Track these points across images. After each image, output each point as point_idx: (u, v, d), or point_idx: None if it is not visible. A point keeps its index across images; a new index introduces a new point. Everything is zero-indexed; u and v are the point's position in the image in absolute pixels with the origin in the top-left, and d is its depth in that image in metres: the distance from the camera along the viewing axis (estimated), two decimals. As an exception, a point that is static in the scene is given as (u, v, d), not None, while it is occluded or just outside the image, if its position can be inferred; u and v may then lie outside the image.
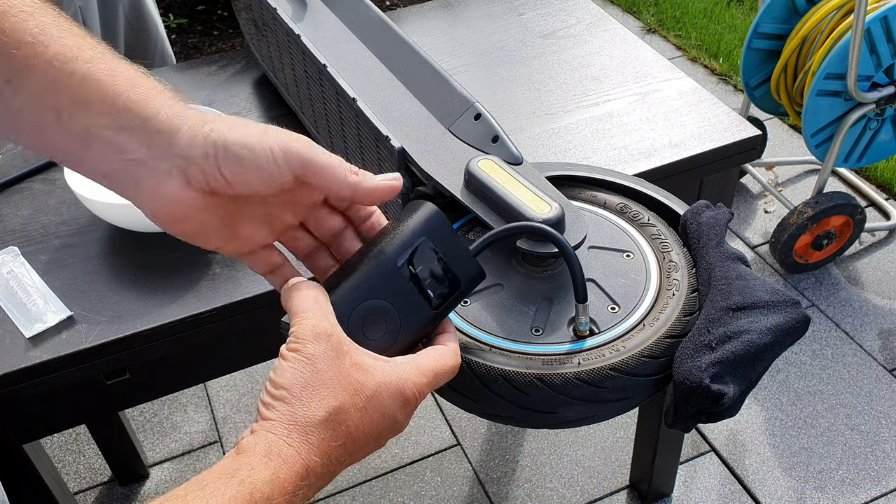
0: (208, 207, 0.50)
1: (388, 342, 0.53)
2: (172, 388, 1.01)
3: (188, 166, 0.49)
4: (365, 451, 0.49)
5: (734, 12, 2.91)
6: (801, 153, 2.27)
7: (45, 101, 0.46)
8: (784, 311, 0.60)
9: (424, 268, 0.54)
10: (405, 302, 0.53)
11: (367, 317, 0.52)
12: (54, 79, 0.46)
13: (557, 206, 0.66)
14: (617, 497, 1.54)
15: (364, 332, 0.52)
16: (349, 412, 0.47)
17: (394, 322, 0.53)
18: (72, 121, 0.47)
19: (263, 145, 0.49)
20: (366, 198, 0.53)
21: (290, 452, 0.45)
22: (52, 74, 0.46)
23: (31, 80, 0.46)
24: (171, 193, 0.49)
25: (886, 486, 1.53)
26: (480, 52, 1.24)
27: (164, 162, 0.48)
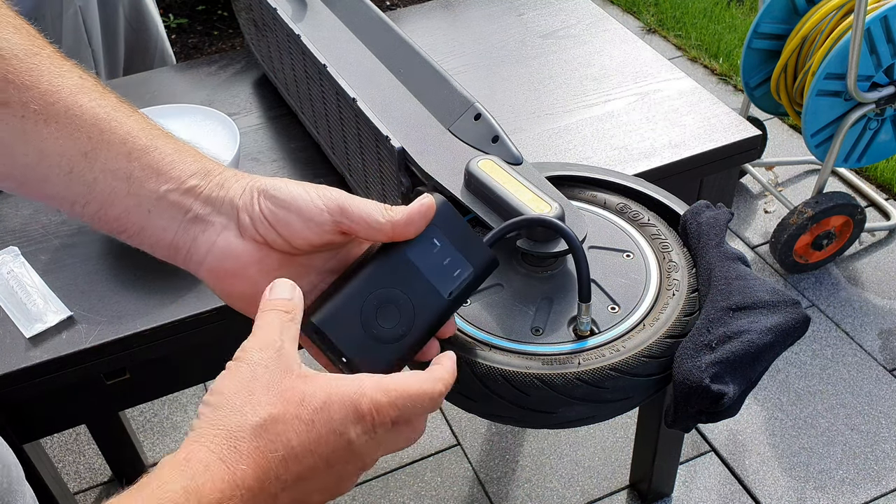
0: (261, 261, 0.52)
1: (404, 330, 0.53)
2: (172, 388, 1.01)
3: (239, 213, 0.51)
4: (317, 482, 0.44)
5: (734, 12, 2.91)
6: (801, 153, 2.27)
7: (119, 172, 0.49)
8: (784, 311, 0.60)
9: (435, 256, 0.54)
10: (418, 290, 0.53)
11: (379, 306, 0.52)
12: (129, 151, 0.50)
13: (557, 206, 0.66)
14: (617, 497, 1.55)
15: (378, 321, 0.52)
16: (291, 423, 0.42)
17: (407, 310, 0.53)
18: (143, 188, 0.50)
19: (300, 190, 0.51)
20: (404, 230, 0.53)
21: (212, 458, 0.40)
22: (126, 147, 0.50)
23: (107, 153, 0.49)
24: (226, 244, 0.51)
25: (886, 486, 1.53)
26: (480, 52, 1.24)
27: (221, 216, 0.51)
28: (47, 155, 0.49)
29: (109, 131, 0.50)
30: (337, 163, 1.00)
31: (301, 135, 1.10)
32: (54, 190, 0.50)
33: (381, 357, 0.52)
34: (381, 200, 0.87)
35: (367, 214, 0.51)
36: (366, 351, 0.52)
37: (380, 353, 0.52)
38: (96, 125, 0.49)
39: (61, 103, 0.49)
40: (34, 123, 0.48)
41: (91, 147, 0.49)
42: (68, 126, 0.49)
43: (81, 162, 0.49)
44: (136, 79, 1.23)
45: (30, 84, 0.48)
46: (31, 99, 0.48)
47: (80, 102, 0.49)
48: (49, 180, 0.50)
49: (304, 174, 1.03)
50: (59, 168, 0.49)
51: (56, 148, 0.49)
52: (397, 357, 0.53)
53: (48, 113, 0.48)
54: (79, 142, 0.49)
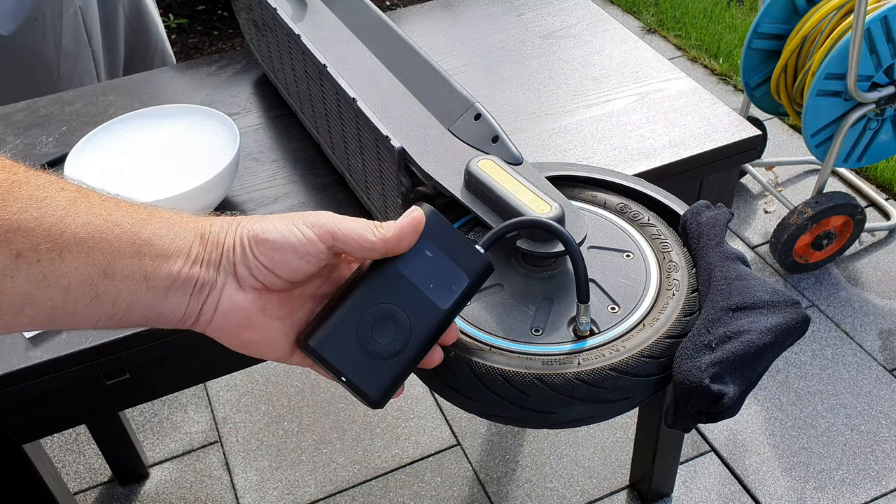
0: (263, 307, 0.52)
1: (401, 345, 0.53)
2: (172, 388, 1.01)
3: (235, 267, 0.51)
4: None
5: (734, 12, 2.91)
6: (801, 153, 2.27)
7: (136, 276, 0.48)
8: (784, 311, 0.60)
9: (428, 268, 0.54)
10: (413, 304, 0.53)
11: (375, 322, 0.52)
12: (137, 250, 0.48)
13: (557, 206, 0.66)
14: (617, 497, 1.55)
15: (374, 337, 0.52)
16: None
17: (404, 325, 0.53)
18: (158, 279, 0.49)
19: (288, 224, 0.51)
20: (396, 246, 0.53)
21: None
22: (134, 247, 0.48)
23: (121, 262, 0.48)
24: (230, 302, 0.51)
25: (886, 486, 1.53)
26: (480, 52, 1.24)
27: (220, 273, 0.51)
28: (72, 289, 0.46)
29: (116, 239, 0.48)
30: (337, 163, 1.00)
31: (301, 135, 1.10)
32: (82, 319, 0.48)
33: (381, 373, 0.52)
34: (381, 200, 0.87)
35: (357, 235, 0.52)
36: (364, 369, 0.52)
37: (379, 369, 0.52)
38: (104, 238, 0.47)
39: (68, 232, 0.46)
40: (50, 264, 0.45)
41: (107, 263, 0.47)
42: (81, 252, 0.46)
43: (103, 282, 0.47)
44: (136, 79, 1.23)
45: (33, 226, 0.45)
46: (41, 240, 0.45)
47: (81, 220, 0.47)
48: (77, 313, 0.47)
49: (304, 174, 1.03)
50: (84, 297, 0.47)
51: (78, 279, 0.46)
52: (397, 372, 0.53)
53: (60, 248, 0.45)
54: (97, 262, 0.47)
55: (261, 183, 1.02)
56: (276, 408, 1.73)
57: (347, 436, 1.66)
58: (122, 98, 1.18)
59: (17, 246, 0.44)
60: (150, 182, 0.96)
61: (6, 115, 1.15)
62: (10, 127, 1.12)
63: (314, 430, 1.68)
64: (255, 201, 0.99)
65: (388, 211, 0.87)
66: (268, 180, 1.02)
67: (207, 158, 0.97)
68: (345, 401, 1.73)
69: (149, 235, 0.49)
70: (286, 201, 0.99)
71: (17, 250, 0.44)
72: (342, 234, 0.52)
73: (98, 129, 0.98)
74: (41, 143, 1.09)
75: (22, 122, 1.13)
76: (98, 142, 0.97)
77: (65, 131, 1.11)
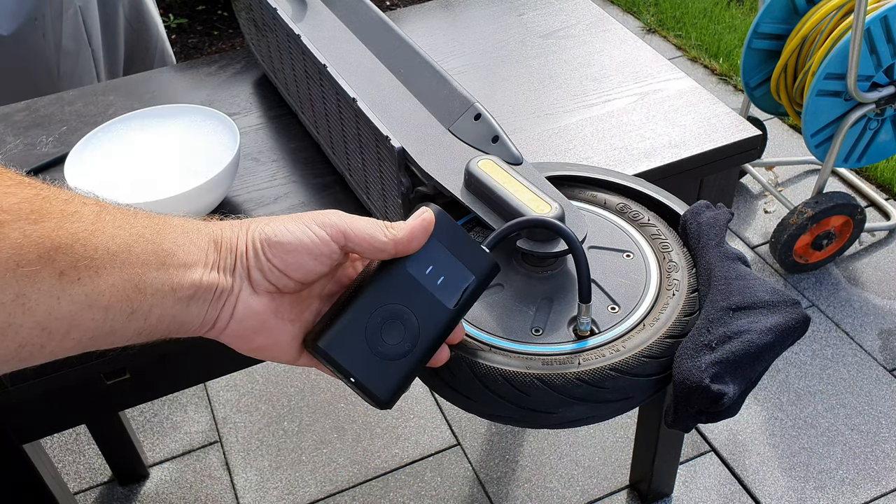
0: (276, 310, 0.52)
1: (409, 345, 0.53)
2: (172, 388, 1.01)
3: (249, 272, 0.50)
4: None
5: (734, 12, 2.91)
6: (801, 153, 2.27)
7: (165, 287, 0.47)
8: (784, 311, 0.60)
9: (436, 268, 0.54)
10: (421, 304, 0.53)
11: (383, 323, 0.52)
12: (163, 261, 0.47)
13: (557, 206, 0.66)
14: (617, 497, 1.55)
15: (383, 337, 0.52)
16: None
17: (412, 325, 0.53)
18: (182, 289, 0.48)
19: (300, 225, 0.51)
20: (407, 246, 0.53)
21: None
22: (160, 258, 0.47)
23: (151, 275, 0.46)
24: (245, 307, 0.50)
25: (886, 486, 1.53)
26: (480, 52, 1.24)
27: (235, 278, 0.50)
28: (111, 307, 0.45)
29: (142, 251, 0.46)
30: (337, 163, 1.00)
31: (301, 135, 1.10)
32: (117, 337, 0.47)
33: (390, 374, 0.52)
34: (381, 200, 0.87)
35: (369, 235, 0.52)
36: (373, 369, 0.52)
37: (387, 369, 0.52)
38: (132, 252, 0.46)
39: (101, 247, 0.44)
40: (90, 281, 0.43)
41: (139, 277, 0.46)
42: (115, 267, 0.44)
43: (137, 297, 0.46)
44: (136, 79, 1.23)
45: (70, 241, 0.42)
46: (78, 257, 0.43)
47: (110, 233, 0.45)
48: (115, 332, 0.46)
49: (304, 174, 1.03)
50: (121, 315, 0.45)
51: (116, 296, 0.45)
52: (405, 372, 0.53)
53: (96, 264, 0.44)
54: (130, 277, 0.45)
55: (261, 183, 1.02)
56: (276, 408, 1.73)
57: (347, 436, 1.66)
58: (122, 98, 1.18)
59: (59, 265, 0.42)
60: (150, 182, 0.96)
61: (6, 115, 1.15)
62: (10, 127, 1.12)
63: (314, 430, 1.68)
64: (255, 201, 0.99)
65: (388, 211, 0.87)
66: (268, 180, 1.02)
67: (207, 158, 0.97)
68: (345, 401, 1.73)
69: (170, 245, 0.48)
70: (286, 201, 0.99)
71: (59, 269, 0.42)
72: (354, 234, 0.51)
73: (98, 129, 0.98)
74: (41, 143, 1.09)
75: (22, 122, 1.13)
76: (98, 142, 0.97)
77: (65, 131, 1.11)
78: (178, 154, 1.00)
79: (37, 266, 0.41)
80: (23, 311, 0.41)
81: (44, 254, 0.41)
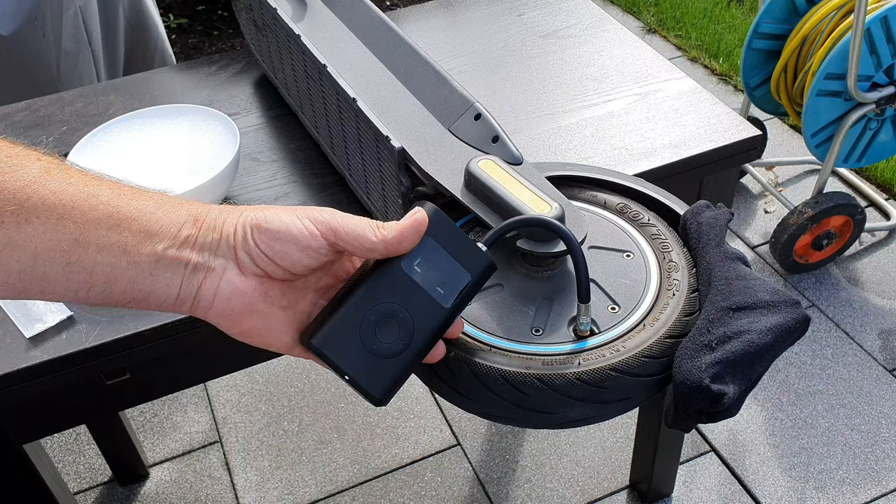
0: (265, 294, 0.52)
1: (404, 344, 0.53)
2: (172, 388, 1.01)
3: (237, 252, 0.51)
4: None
5: (734, 12, 2.91)
6: (801, 153, 2.27)
7: (114, 248, 0.48)
8: (784, 311, 0.60)
9: (431, 267, 0.54)
10: (416, 303, 0.53)
11: (378, 321, 0.52)
12: (117, 223, 0.49)
13: (557, 206, 0.66)
14: (617, 497, 1.55)
15: (378, 335, 0.52)
16: None
17: (407, 324, 0.53)
18: (140, 255, 0.49)
19: (292, 216, 0.52)
20: (397, 247, 0.53)
21: None
22: (113, 220, 0.49)
23: (97, 233, 0.48)
24: (229, 286, 0.51)
25: (886, 486, 1.53)
26: (480, 52, 1.24)
27: (219, 258, 0.51)
28: (40, 253, 0.47)
29: (91, 209, 0.48)
30: (337, 163, 1.00)
31: (301, 135, 1.10)
32: (55, 285, 0.48)
33: (384, 372, 0.52)
34: (381, 200, 0.87)
35: (359, 234, 0.52)
36: (367, 367, 0.52)
37: (382, 367, 0.52)
38: (76, 207, 0.48)
39: (35, 196, 0.46)
40: (15, 226, 0.46)
41: (80, 232, 0.48)
42: (50, 218, 0.47)
43: (76, 249, 0.48)
44: (136, 79, 1.23)
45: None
46: (4, 203, 0.46)
47: (52, 188, 0.47)
48: (48, 277, 0.48)
49: (304, 174, 1.03)
50: (55, 262, 0.47)
51: (46, 244, 0.47)
52: (400, 370, 0.53)
53: (26, 211, 0.46)
54: (66, 230, 0.47)
55: (261, 183, 1.02)
56: (276, 408, 1.73)
57: (347, 436, 1.66)
58: (122, 98, 1.18)
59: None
60: (150, 182, 0.96)
61: (6, 115, 1.15)
62: (10, 127, 1.12)
63: (314, 430, 1.68)
64: (255, 201, 0.99)
65: (388, 211, 0.87)
66: (268, 180, 1.02)
67: (207, 158, 0.97)
68: (345, 401, 1.73)
69: (130, 210, 0.49)
70: (286, 201, 0.99)
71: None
72: (343, 232, 0.52)
73: (98, 129, 0.98)
74: (41, 143, 1.09)
75: (22, 122, 1.13)
76: (98, 142, 0.97)
77: (65, 131, 1.11)
78: (178, 154, 1.00)
79: None
80: None
81: None
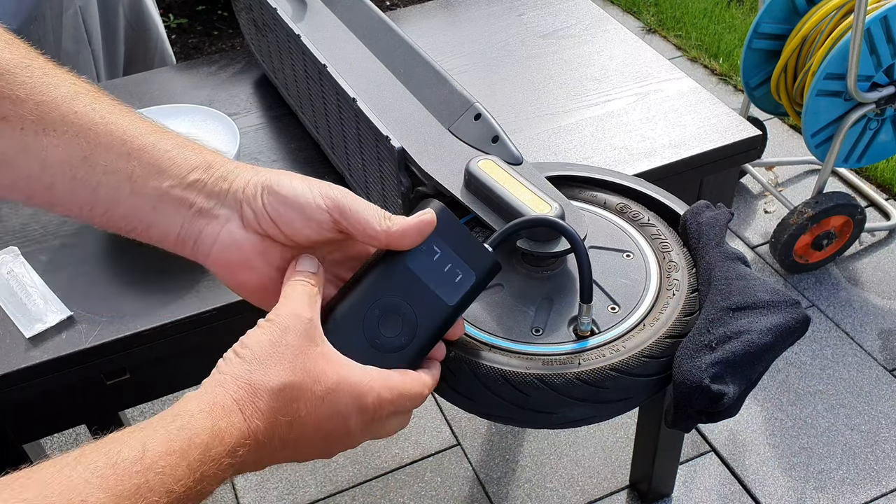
0: (265, 252, 0.53)
1: (406, 339, 0.53)
2: (172, 388, 1.01)
3: (242, 206, 0.52)
4: (310, 449, 0.49)
5: (734, 12, 2.91)
6: (801, 153, 2.27)
7: (120, 173, 0.51)
8: (784, 311, 0.60)
9: (436, 264, 0.54)
10: (420, 299, 0.54)
11: (382, 316, 0.53)
12: (128, 151, 0.51)
13: (557, 206, 0.66)
14: (617, 497, 1.55)
15: (381, 330, 0.53)
16: (304, 394, 0.46)
17: (410, 319, 0.53)
18: (146, 187, 0.51)
19: (303, 187, 0.52)
20: (399, 241, 0.53)
21: (234, 408, 0.44)
22: (125, 148, 0.51)
23: (106, 156, 0.51)
24: (229, 236, 0.52)
25: (886, 486, 1.53)
26: (480, 52, 1.24)
27: (224, 208, 0.52)
28: (49, 164, 0.50)
29: (107, 134, 0.51)
30: (337, 163, 1.00)
31: (301, 135, 1.10)
32: (61, 197, 0.51)
33: (385, 367, 0.53)
34: (381, 200, 0.87)
35: (364, 220, 0.52)
36: (368, 361, 0.52)
37: (384, 362, 0.53)
38: (93, 129, 0.51)
39: (56, 112, 0.50)
40: (33, 135, 0.49)
41: (90, 151, 0.50)
42: (66, 133, 0.50)
43: (83, 167, 0.50)
44: (136, 79, 1.23)
45: (24, 97, 0.49)
46: (27, 111, 0.49)
47: (75, 109, 0.51)
48: (54, 187, 0.51)
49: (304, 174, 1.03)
50: (62, 175, 0.50)
51: (57, 156, 0.50)
52: (402, 365, 0.53)
53: (45, 123, 0.50)
54: (78, 147, 0.50)
55: (261, 183, 1.02)
56: (276, 408, 1.73)
57: (347, 436, 1.66)
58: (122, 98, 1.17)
59: (3, 111, 0.49)
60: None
61: (6, 115, 1.15)
62: (10, 127, 1.12)
63: (314, 430, 1.68)
64: (255, 201, 0.99)
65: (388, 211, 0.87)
66: (268, 180, 1.02)
67: (207, 158, 0.97)
68: (345, 401, 1.73)
69: (145, 143, 0.52)
70: (286, 201, 0.99)
71: (3, 114, 0.49)
72: (350, 212, 0.52)
73: (98, 129, 0.98)
74: (41, 143, 1.09)
75: (22, 122, 1.13)
76: (98, 142, 0.97)
77: (65, 131, 1.11)
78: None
79: None
80: None
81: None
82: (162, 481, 0.40)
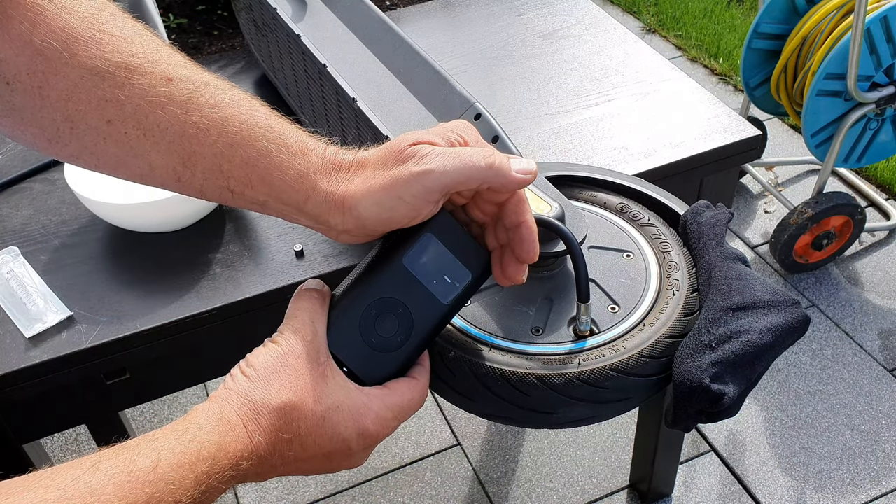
0: None
1: (403, 338, 0.53)
2: (172, 388, 1.01)
3: (339, 234, 0.54)
4: (312, 465, 0.50)
5: (734, 12, 2.91)
6: (801, 153, 2.27)
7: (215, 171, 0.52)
8: (784, 311, 0.60)
9: (432, 263, 0.54)
10: (416, 298, 0.54)
11: (378, 315, 0.53)
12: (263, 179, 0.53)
13: (557, 206, 0.66)
14: (617, 497, 1.55)
15: (377, 329, 0.53)
16: (305, 414, 0.48)
17: (406, 318, 0.54)
18: (255, 193, 0.53)
19: (392, 197, 0.51)
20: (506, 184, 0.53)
21: (238, 423, 0.47)
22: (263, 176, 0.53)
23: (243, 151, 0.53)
24: (344, 238, 0.54)
25: (886, 486, 1.53)
26: (480, 52, 1.24)
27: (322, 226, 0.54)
28: (155, 167, 0.52)
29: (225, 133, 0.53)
30: (337, 163, 1.00)
31: (301, 135, 1.10)
32: (187, 188, 0.53)
33: (382, 365, 0.53)
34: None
35: (466, 178, 0.51)
36: (366, 360, 0.53)
37: (380, 361, 0.53)
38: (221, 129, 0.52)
39: (164, 121, 0.51)
40: (137, 139, 0.50)
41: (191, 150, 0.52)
42: (164, 140, 0.51)
43: (185, 172, 0.52)
44: (136, 79, 1.23)
45: (124, 100, 0.50)
46: (128, 116, 0.50)
47: (184, 117, 0.51)
48: (167, 185, 0.53)
49: (304, 174, 1.03)
50: (169, 177, 0.52)
51: (161, 163, 0.51)
52: (398, 364, 0.54)
53: (144, 128, 0.51)
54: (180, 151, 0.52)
55: (261, 183, 1.02)
56: (276, 408, 1.73)
57: (347, 436, 1.66)
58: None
59: (108, 114, 0.49)
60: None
61: (6, 115, 1.15)
62: (10, 127, 1.12)
63: (314, 430, 1.68)
64: (255, 201, 0.99)
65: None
66: (268, 180, 1.02)
67: (207, 158, 0.97)
68: (345, 401, 1.73)
69: (280, 133, 0.56)
70: (286, 201, 0.99)
71: (108, 118, 0.50)
72: (455, 185, 0.51)
73: (98, 129, 0.98)
74: (41, 143, 1.09)
75: (22, 122, 1.13)
76: (98, 142, 0.97)
77: (65, 131, 1.11)
78: (178, 154, 0.99)
79: (84, 107, 0.49)
80: (70, 132, 0.50)
81: (102, 103, 0.49)
82: (171, 492, 0.42)
